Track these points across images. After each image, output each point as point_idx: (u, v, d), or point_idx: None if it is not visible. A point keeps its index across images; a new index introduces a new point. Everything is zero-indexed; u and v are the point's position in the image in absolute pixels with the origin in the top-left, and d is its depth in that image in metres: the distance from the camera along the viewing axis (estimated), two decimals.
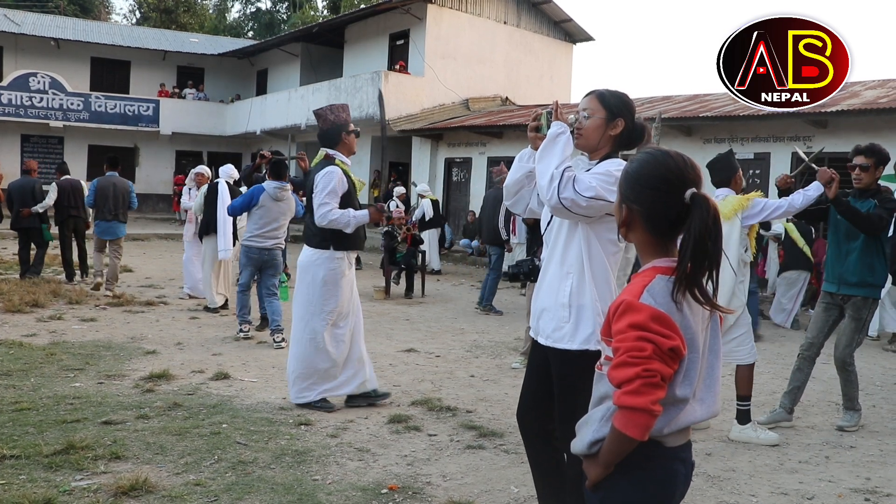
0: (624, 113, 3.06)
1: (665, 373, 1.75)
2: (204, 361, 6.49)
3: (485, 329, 8.77)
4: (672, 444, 1.91)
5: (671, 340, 1.76)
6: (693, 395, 1.88)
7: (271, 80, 29.13)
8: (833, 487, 4.16)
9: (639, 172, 1.95)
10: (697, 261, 1.81)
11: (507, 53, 23.67)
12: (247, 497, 3.65)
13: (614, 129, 3.05)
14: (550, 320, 3.05)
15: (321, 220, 5.11)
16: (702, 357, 1.89)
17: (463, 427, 4.91)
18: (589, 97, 3.10)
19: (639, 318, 1.79)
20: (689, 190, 1.86)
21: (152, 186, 28.36)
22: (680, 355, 1.79)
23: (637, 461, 1.86)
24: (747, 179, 14.44)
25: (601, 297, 2.98)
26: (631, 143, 3.13)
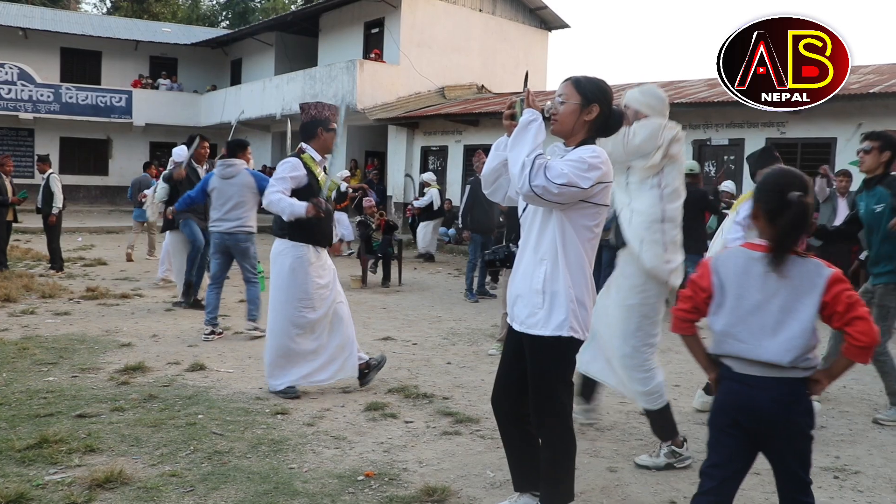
0: (599, 99, 3.08)
1: (686, 294, 2.73)
2: (180, 353, 6.46)
3: (461, 316, 8.80)
4: (737, 370, 2.60)
5: (695, 277, 2.69)
6: (732, 332, 2.58)
7: (246, 69, 28.90)
8: None
9: (762, 181, 2.68)
10: (786, 241, 2.52)
11: (482, 41, 23.62)
12: (223, 486, 3.65)
13: (589, 115, 3.07)
14: (524, 306, 3.08)
15: (264, 200, 5.29)
16: (758, 309, 2.55)
17: (439, 413, 4.94)
18: (565, 83, 3.12)
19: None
20: (792, 193, 2.53)
21: (126, 179, 27.89)
22: (702, 288, 2.66)
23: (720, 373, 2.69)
24: (722, 165, 14.57)
25: (575, 283, 3.01)
26: (608, 130, 3.16)
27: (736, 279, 2.59)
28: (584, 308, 3.06)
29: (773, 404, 2.53)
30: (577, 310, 3.03)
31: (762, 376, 2.54)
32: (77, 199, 26.04)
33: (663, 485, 3.89)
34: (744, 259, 2.60)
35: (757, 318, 2.55)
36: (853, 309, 2.48)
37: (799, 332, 2.50)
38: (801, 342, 2.50)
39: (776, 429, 2.56)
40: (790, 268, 2.53)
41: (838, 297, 2.49)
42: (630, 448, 4.44)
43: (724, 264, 2.63)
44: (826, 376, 2.60)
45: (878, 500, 3.81)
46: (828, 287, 2.50)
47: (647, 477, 4.00)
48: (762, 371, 2.54)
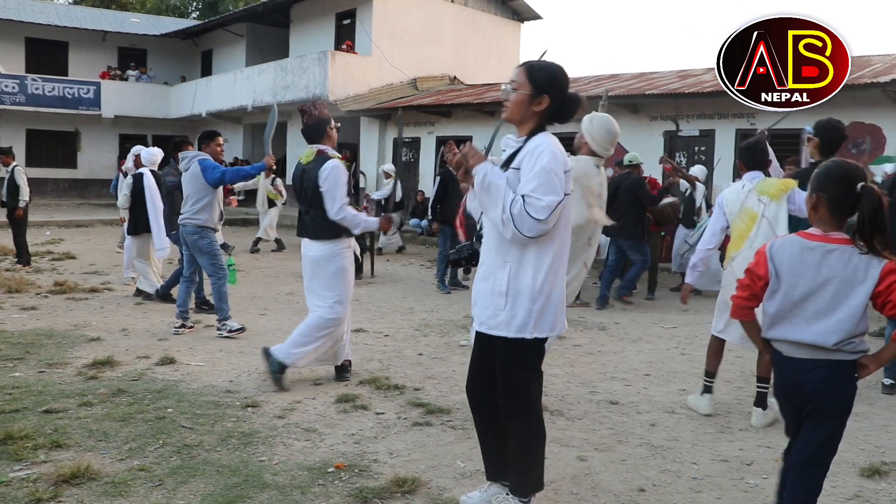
0: (551, 90, 3.05)
1: (744, 282, 2.85)
2: (150, 347, 6.40)
3: (434, 308, 8.80)
4: (786, 353, 2.76)
5: (754, 265, 2.83)
6: (784, 315, 2.73)
7: (216, 61, 28.62)
8: (771, 453, 4.28)
9: (825, 172, 2.75)
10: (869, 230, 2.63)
11: (454, 32, 23.58)
12: (192, 480, 3.63)
13: (538, 106, 3.05)
14: (486, 307, 3.09)
15: (338, 213, 5.23)
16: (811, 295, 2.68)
17: (410, 405, 4.94)
18: (519, 69, 3.10)
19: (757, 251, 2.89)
20: (860, 183, 2.64)
21: (95, 172, 27.72)
22: (758, 276, 2.79)
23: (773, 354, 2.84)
24: (693, 156, 14.68)
25: (541, 282, 3.01)
26: (562, 117, 3.12)
27: (790, 267, 2.72)
28: (550, 305, 3.06)
29: (818, 383, 2.71)
30: (542, 309, 3.03)
31: (808, 358, 2.71)
32: (45, 193, 25.68)
33: (633, 473, 3.93)
34: (798, 247, 2.73)
35: (809, 304, 2.69)
36: None
37: (847, 317, 2.65)
38: (848, 326, 2.65)
39: (816, 405, 2.73)
40: (849, 257, 2.67)
41: (892, 286, 2.62)
42: (600, 437, 4.47)
43: (780, 252, 2.76)
44: (874, 361, 2.73)
45: (842, 483, 3.87)
46: (882, 277, 2.63)
47: (617, 465, 4.03)
48: (809, 353, 2.71)
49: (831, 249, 2.68)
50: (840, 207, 2.70)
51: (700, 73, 17.23)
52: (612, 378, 5.88)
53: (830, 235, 2.71)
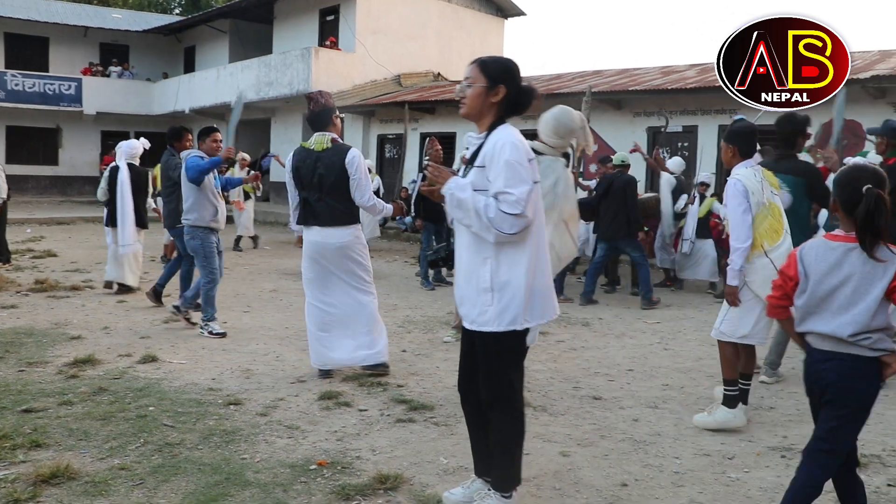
0: (506, 79, 3.10)
1: (777, 282, 3.09)
2: (131, 345, 6.36)
3: (417, 304, 8.79)
4: (815, 345, 2.96)
5: (785, 267, 3.05)
6: (811, 310, 2.93)
7: (199, 57, 28.45)
8: (753, 446, 4.31)
9: (837, 176, 3.00)
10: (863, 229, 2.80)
11: (438, 28, 23.56)
12: (173, 479, 3.61)
13: (495, 97, 3.09)
14: (474, 306, 3.10)
15: (369, 200, 5.42)
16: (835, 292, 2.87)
17: (393, 401, 4.93)
18: (471, 66, 3.15)
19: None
20: (866, 186, 2.82)
21: (77, 169, 27.54)
22: (789, 277, 3.00)
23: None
24: (676, 152, 14.73)
25: (524, 273, 3.03)
26: (518, 109, 3.16)
27: (816, 266, 2.94)
28: (535, 295, 3.08)
29: (834, 374, 2.90)
30: (530, 299, 3.06)
31: (831, 350, 2.91)
32: (26, 190, 25.46)
33: (615, 468, 3.94)
34: (823, 249, 2.95)
35: (834, 299, 2.89)
36: None
37: (863, 310, 2.83)
38: (863, 319, 2.83)
39: (831, 395, 2.91)
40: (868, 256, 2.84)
41: None
42: (583, 433, 4.48)
43: (808, 254, 2.98)
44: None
45: None
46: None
47: (600, 460, 4.04)
48: (830, 345, 2.91)
49: (852, 248, 2.88)
50: (850, 209, 2.88)
51: (683, 69, 17.31)
52: (596, 373, 5.90)
53: (852, 235, 2.89)
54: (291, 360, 6.05)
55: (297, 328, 7.21)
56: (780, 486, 3.73)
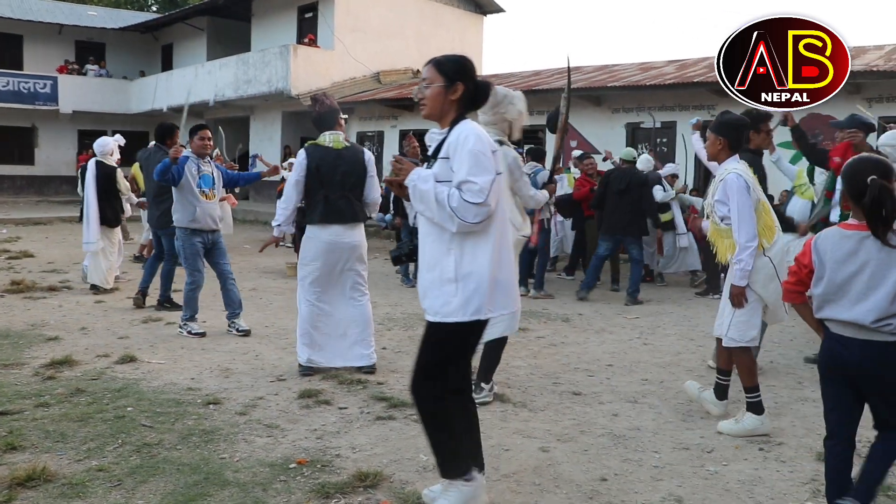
0: (462, 76, 3.16)
1: (793, 269, 3.22)
2: (109, 345, 6.31)
3: (398, 301, 8.78)
4: (834, 331, 3.07)
5: (801, 254, 3.16)
6: (830, 298, 3.03)
7: (177, 55, 28.23)
8: (731, 440, 4.34)
9: (845, 169, 3.12)
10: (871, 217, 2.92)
11: (417, 26, 23.52)
12: (151, 479, 3.59)
13: (454, 95, 3.15)
14: (437, 297, 3.10)
15: (378, 198, 5.77)
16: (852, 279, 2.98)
17: (373, 399, 4.92)
18: (427, 66, 3.18)
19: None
20: (870, 177, 2.92)
21: (54, 168, 27.24)
22: (804, 265, 3.13)
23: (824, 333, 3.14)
24: (655, 148, 14.80)
25: (487, 262, 3.04)
26: (476, 103, 3.24)
27: (832, 254, 3.04)
28: (498, 285, 3.10)
29: (863, 361, 3.00)
30: (493, 289, 3.08)
31: (852, 337, 3.02)
32: (1, 191, 25.21)
33: (595, 463, 3.96)
34: (838, 237, 3.05)
35: (852, 286, 2.99)
36: None
37: (883, 296, 2.93)
38: (883, 304, 2.93)
39: (866, 381, 3.04)
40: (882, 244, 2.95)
41: None
42: (563, 428, 4.50)
43: (823, 243, 3.08)
44: None
45: (800, 468, 3.94)
46: None
47: (579, 455, 4.06)
48: (853, 332, 3.01)
49: (866, 236, 2.98)
50: (859, 200, 2.99)
51: (661, 65, 17.39)
52: (575, 369, 5.92)
53: (864, 223, 3.00)
54: (271, 358, 6.03)
55: (276, 327, 7.19)
56: (759, 479, 3.77)
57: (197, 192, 6.76)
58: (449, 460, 3.18)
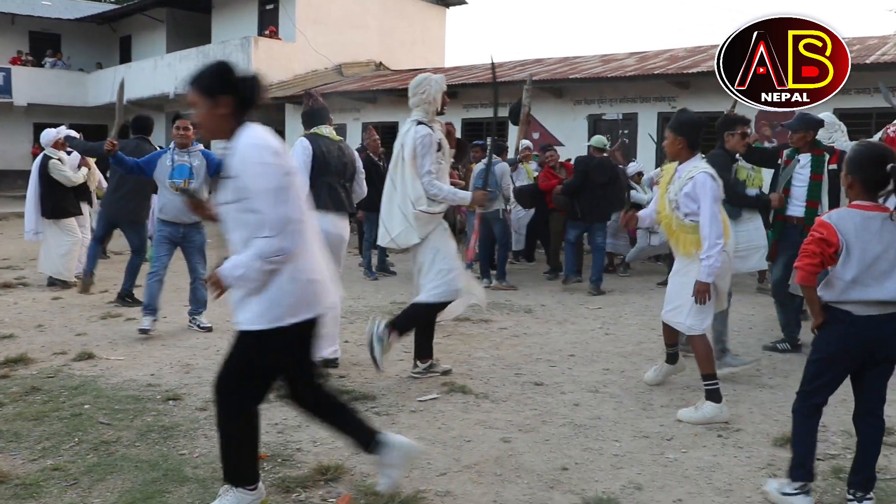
0: (224, 87, 2.94)
1: (815, 250, 3.16)
2: (67, 343, 6.21)
3: (360, 294, 8.76)
4: (858, 313, 3.15)
5: (820, 235, 3.14)
6: (858, 279, 3.10)
7: (136, 47, 27.77)
8: (691, 428, 4.40)
9: (858, 157, 3.21)
10: None
11: (380, 18, 23.42)
12: (108, 477, 3.54)
13: (225, 108, 2.94)
14: (243, 307, 3.00)
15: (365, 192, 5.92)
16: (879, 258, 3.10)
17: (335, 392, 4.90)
18: (188, 88, 2.99)
19: (815, 224, 3.25)
20: (890, 164, 3.09)
21: (9, 162, 26.63)
22: (830, 245, 3.12)
23: (829, 320, 3.24)
24: (616, 139, 14.90)
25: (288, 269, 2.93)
26: (252, 102, 3.01)
27: (857, 235, 3.11)
28: (305, 287, 3.00)
29: (887, 334, 3.17)
30: (300, 292, 2.98)
31: (882, 314, 3.14)
32: None
33: (556, 452, 3.98)
34: (861, 218, 3.14)
35: (878, 265, 3.11)
36: None
37: None
38: None
39: (884, 356, 3.22)
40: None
41: None
42: (524, 418, 4.52)
43: (845, 223, 3.15)
44: None
45: (757, 453, 4.00)
46: None
47: (540, 445, 4.08)
48: (881, 310, 3.14)
49: (887, 217, 3.13)
50: (873, 185, 3.15)
51: (623, 57, 17.51)
52: (537, 359, 5.95)
53: (880, 205, 3.17)
54: None
55: None
56: (717, 465, 3.83)
57: (167, 184, 6.61)
58: (243, 467, 3.15)
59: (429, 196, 5.00)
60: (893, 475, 3.72)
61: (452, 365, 5.59)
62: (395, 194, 5.10)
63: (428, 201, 5.00)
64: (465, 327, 7.02)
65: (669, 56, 16.24)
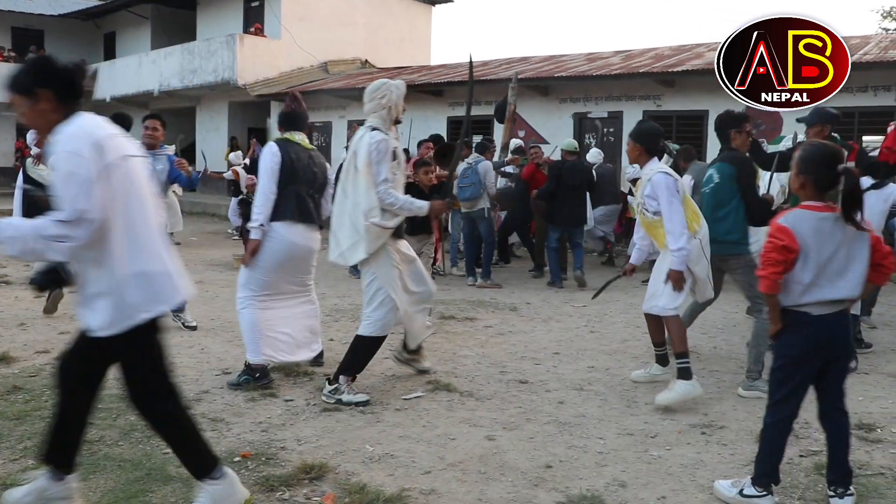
0: (41, 81, 2.81)
1: (777, 258, 3.14)
2: (50, 341, 6.16)
3: (345, 293, 8.74)
4: (816, 313, 3.18)
5: (781, 242, 3.13)
6: (815, 281, 3.14)
7: (120, 43, 27.62)
8: (675, 425, 4.42)
9: (810, 156, 3.23)
10: (849, 204, 3.11)
11: (366, 15, 23.38)
12: (91, 477, 3.52)
13: (46, 103, 2.80)
14: (90, 313, 2.92)
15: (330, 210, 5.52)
16: (832, 258, 3.14)
17: (320, 391, 4.87)
18: (7, 94, 2.85)
19: (771, 229, 3.21)
20: (840, 165, 3.15)
21: None
22: (791, 251, 3.12)
23: (789, 323, 3.24)
24: (602, 137, 14.95)
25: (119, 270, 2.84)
26: (76, 90, 2.88)
27: (813, 237, 3.15)
28: (146, 282, 2.90)
29: (845, 332, 3.27)
30: (142, 288, 2.89)
31: (835, 312, 3.20)
32: None
33: (540, 450, 3.99)
34: (815, 220, 3.17)
35: (831, 265, 3.16)
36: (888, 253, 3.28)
37: (861, 271, 3.19)
38: (861, 279, 3.19)
39: (842, 352, 3.30)
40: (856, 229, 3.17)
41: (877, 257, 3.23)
42: (509, 416, 4.53)
43: (799, 225, 3.17)
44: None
45: (740, 450, 4.02)
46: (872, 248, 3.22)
47: (525, 443, 4.09)
48: (833, 308, 3.20)
49: (838, 217, 3.17)
50: (824, 186, 3.19)
51: (608, 55, 17.55)
52: (522, 357, 5.96)
53: (829, 205, 3.19)
54: (216, 351, 5.96)
55: (222, 319, 7.10)
56: (701, 462, 3.85)
57: None
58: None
59: (384, 205, 4.66)
60: (875, 470, 3.75)
61: (437, 363, 5.60)
62: (346, 203, 4.79)
63: (381, 213, 4.66)
64: (450, 325, 7.03)
65: (655, 55, 16.29)
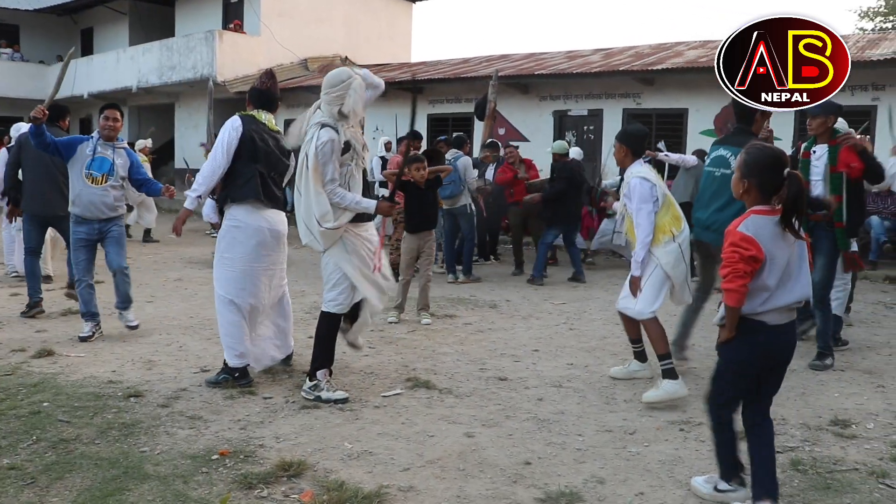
0: None
1: (746, 269, 3.02)
2: (26, 339, 6.10)
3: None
4: (773, 322, 3.11)
5: (749, 252, 3.02)
6: (777, 285, 3.07)
7: (98, 39, 27.32)
8: (653, 422, 4.44)
9: (754, 161, 3.14)
10: (791, 210, 3.05)
11: (346, 12, 23.30)
12: (67, 476, 3.49)
13: None
14: None
15: None
16: (788, 262, 3.09)
17: (298, 388, 4.87)
18: None
19: (734, 239, 3.08)
20: (786, 170, 3.07)
21: None
22: (758, 260, 3.03)
23: (742, 332, 3.13)
24: (582, 135, 15.00)
25: None
26: None
27: (773, 241, 3.09)
28: None
29: (793, 339, 3.26)
30: None
31: (789, 321, 3.18)
32: None
33: (519, 447, 4.00)
34: (769, 224, 3.10)
35: (787, 270, 3.11)
36: None
37: (807, 274, 3.18)
38: (808, 281, 3.19)
39: (787, 358, 3.24)
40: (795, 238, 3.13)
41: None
42: (488, 413, 4.53)
43: (760, 232, 3.08)
44: None
45: None
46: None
47: (504, 440, 4.10)
48: (788, 316, 3.17)
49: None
50: (770, 190, 3.11)
51: (588, 53, 17.61)
52: (502, 355, 5.97)
53: (776, 209, 3.13)
54: (195, 349, 5.93)
55: (201, 317, 7.07)
56: (679, 459, 3.87)
57: (83, 175, 6.13)
58: None
59: (332, 203, 4.60)
60: (849, 466, 3.79)
61: (416, 360, 5.60)
62: (300, 202, 4.69)
63: (334, 215, 4.60)
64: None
65: (634, 53, 16.37)
